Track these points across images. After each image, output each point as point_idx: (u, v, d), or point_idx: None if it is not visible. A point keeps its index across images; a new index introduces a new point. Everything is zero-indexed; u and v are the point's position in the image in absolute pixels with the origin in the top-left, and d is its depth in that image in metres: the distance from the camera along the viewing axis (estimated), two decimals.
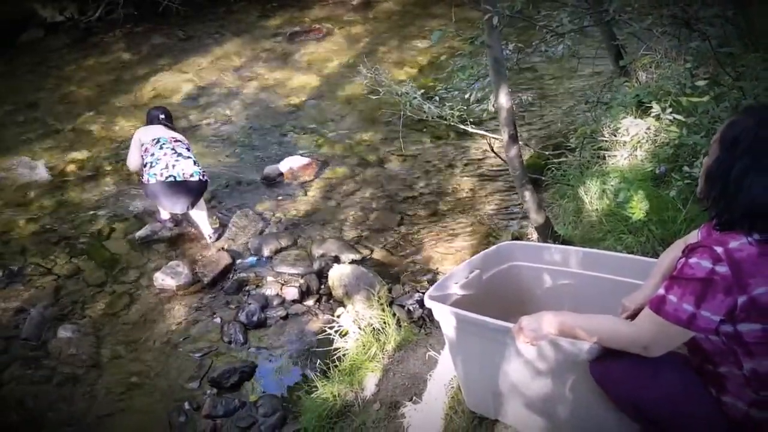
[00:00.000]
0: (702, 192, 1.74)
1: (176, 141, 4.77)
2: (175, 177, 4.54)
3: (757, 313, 1.56)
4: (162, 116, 5.00)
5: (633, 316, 1.88)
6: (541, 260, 2.49)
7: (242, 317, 4.03)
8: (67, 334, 3.99)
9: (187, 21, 9.50)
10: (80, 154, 6.20)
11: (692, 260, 1.61)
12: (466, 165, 5.62)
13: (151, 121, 5.00)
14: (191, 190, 4.62)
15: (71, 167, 5.99)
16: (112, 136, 6.53)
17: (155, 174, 4.54)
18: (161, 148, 4.65)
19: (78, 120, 6.90)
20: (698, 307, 1.58)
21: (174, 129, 5.01)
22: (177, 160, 4.60)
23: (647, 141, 3.72)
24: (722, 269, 1.56)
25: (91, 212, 5.29)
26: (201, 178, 4.66)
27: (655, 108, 3.44)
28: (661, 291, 1.65)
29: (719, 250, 1.58)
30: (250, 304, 4.12)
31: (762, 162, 1.58)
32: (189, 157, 4.70)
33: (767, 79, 3.23)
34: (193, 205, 4.71)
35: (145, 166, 4.66)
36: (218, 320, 4.08)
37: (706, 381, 1.72)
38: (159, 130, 4.83)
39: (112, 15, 9.37)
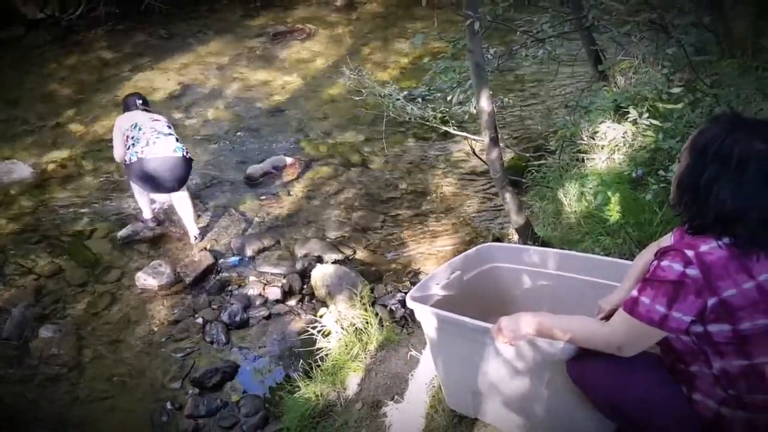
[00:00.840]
0: (674, 198, 1.78)
1: (155, 120, 4.66)
2: (156, 154, 4.42)
3: (727, 315, 1.61)
4: (139, 101, 4.88)
5: (609, 317, 1.93)
6: (521, 262, 2.54)
7: (224, 317, 4.04)
8: (48, 334, 3.98)
9: (169, 19, 9.47)
10: (61, 153, 6.16)
11: (664, 263, 1.66)
12: (448, 166, 5.67)
13: (128, 107, 4.88)
14: (175, 168, 4.49)
15: (52, 166, 5.95)
16: (93, 135, 6.50)
17: (136, 152, 4.44)
18: (140, 129, 4.55)
19: (59, 118, 6.86)
20: (670, 308, 1.63)
21: (152, 112, 4.88)
22: (158, 137, 4.49)
23: (625, 145, 3.79)
24: (693, 272, 1.61)
25: (73, 211, 5.26)
26: (184, 154, 4.54)
27: (633, 113, 3.51)
28: (635, 293, 1.70)
29: (690, 253, 1.63)
30: (232, 304, 4.14)
31: (731, 169, 1.62)
32: (170, 134, 4.58)
33: (741, 86, 3.31)
34: (179, 185, 4.59)
35: (127, 149, 4.56)
36: (200, 320, 4.08)
37: (678, 380, 1.77)
38: (137, 115, 4.73)
39: (93, 13, 9.31)
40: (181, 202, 4.72)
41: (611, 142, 3.81)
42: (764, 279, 1.62)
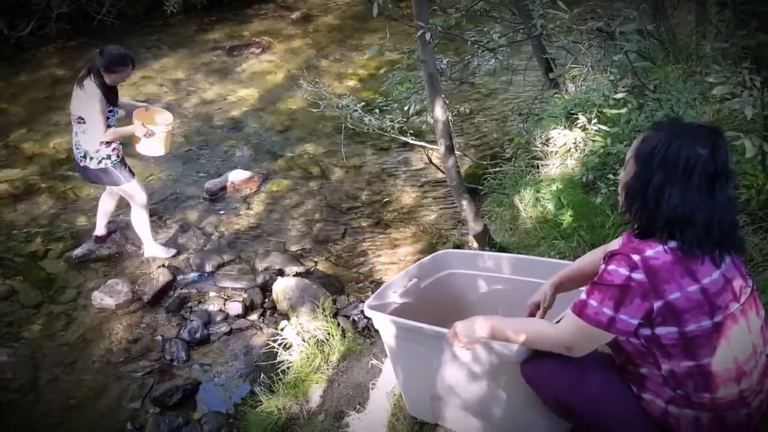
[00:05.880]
0: (623, 206, 1.81)
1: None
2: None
3: (673, 317, 1.66)
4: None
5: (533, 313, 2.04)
6: (476, 267, 2.58)
7: (184, 334, 3.99)
8: (2, 358, 3.87)
9: (123, 35, 9.32)
10: (13, 173, 6.02)
11: (611, 267, 1.71)
12: (407, 175, 5.71)
13: None
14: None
15: (4, 186, 5.80)
16: (46, 154, 6.36)
17: None
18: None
19: (10, 137, 6.69)
20: (617, 311, 1.68)
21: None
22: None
23: (576, 150, 3.88)
24: (638, 276, 1.66)
25: (26, 231, 5.14)
26: (79, 162, 4.44)
27: (582, 119, 3.60)
28: (583, 296, 1.74)
29: (636, 258, 1.67)
30: (192, 320, 4.09)
31: (677, 174, 1.66)
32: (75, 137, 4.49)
33: (683, 91, 3.42)
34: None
35: None
36: (160, 338, 4.03)
37: (628, 380, 1.82)
38: None
39: (44, 29, 9.12)
40: (134, 216, 4.62)
41: (562, 148, 3.90)
42: (707, 282, 1.67)
